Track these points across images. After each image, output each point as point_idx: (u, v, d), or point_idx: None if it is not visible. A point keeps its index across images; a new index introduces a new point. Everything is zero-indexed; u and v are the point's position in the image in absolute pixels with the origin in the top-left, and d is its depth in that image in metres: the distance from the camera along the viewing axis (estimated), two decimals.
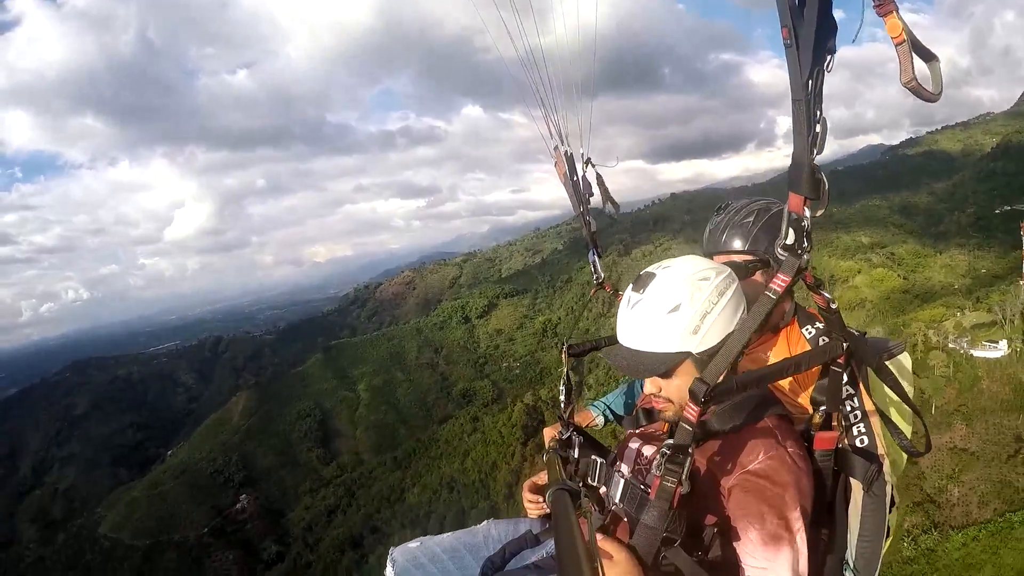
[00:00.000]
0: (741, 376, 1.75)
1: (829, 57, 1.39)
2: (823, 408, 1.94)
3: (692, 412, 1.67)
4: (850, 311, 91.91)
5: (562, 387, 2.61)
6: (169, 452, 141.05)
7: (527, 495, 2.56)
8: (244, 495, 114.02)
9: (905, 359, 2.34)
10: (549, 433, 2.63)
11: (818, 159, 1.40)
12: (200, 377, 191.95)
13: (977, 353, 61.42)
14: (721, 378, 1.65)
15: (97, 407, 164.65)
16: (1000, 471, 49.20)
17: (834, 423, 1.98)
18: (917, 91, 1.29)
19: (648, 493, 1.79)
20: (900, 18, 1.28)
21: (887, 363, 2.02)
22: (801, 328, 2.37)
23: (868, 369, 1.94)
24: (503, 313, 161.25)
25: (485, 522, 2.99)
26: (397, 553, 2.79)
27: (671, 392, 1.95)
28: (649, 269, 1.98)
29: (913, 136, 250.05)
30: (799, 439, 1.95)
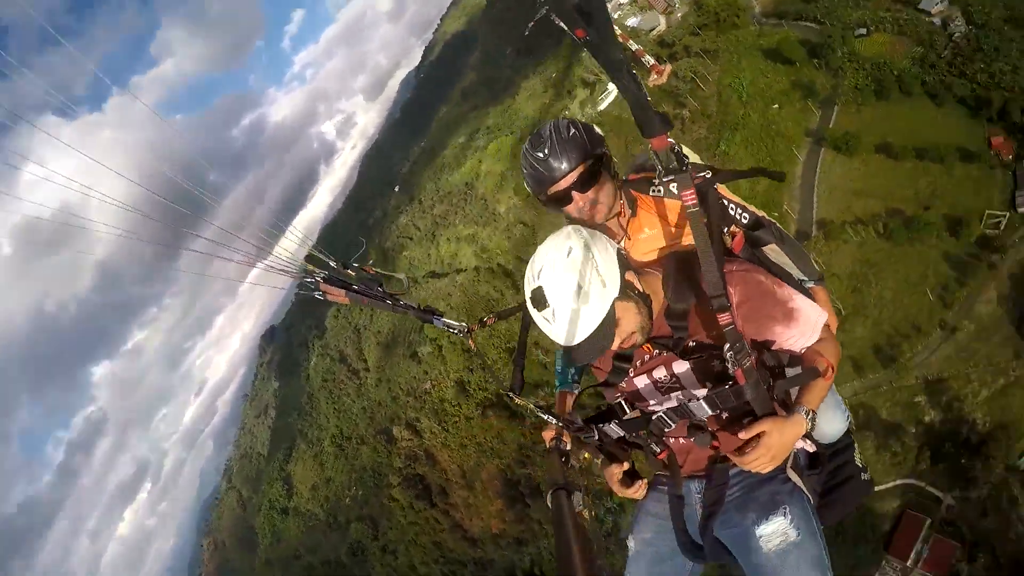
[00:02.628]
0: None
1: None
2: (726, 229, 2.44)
3: (726, 317, 2.08)
4: None
5: (539, 414, 2.62)
6: None
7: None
8: None
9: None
10: (548, 435, 2.68)
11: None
12: None
13: None
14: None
15: None
16: None
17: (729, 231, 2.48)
18: None
19: (737, 384, 2.19)
20: None
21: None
22: (647, 195, 2.50)
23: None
24: None
25: None
26: None
27: (628, 330, 2.22)
28: (533, 284, 2.12)
29: None
30: (736, 257, 2.47)
